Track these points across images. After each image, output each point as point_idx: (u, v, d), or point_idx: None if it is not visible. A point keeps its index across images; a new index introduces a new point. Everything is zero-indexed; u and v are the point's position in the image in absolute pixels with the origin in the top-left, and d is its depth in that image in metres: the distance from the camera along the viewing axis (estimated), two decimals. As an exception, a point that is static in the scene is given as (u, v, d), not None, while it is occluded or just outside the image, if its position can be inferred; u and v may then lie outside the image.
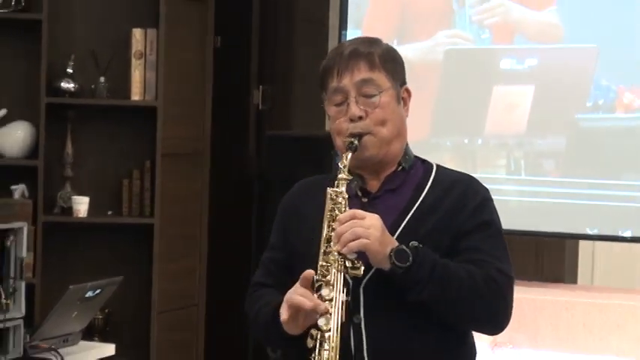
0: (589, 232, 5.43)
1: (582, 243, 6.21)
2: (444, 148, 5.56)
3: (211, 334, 6.43)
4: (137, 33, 5.93)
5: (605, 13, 5.35)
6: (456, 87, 5.60)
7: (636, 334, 5.09)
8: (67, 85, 5.94)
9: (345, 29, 5.79)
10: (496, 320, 3.06)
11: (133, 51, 5.94)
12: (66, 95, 5.94)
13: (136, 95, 5.96)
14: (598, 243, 6.22)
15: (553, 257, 6.09)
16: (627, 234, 5.34)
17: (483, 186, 3.14)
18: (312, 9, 6.96)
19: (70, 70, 5.94)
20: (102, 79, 5.97)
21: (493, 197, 3.21)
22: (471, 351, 3.15)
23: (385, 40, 5.06)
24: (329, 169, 5.88)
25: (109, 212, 6.04)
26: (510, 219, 5.40)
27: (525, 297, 5.27)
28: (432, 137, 5.60)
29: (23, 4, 5.93)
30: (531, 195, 5.48)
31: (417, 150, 5.47)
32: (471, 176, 3.16)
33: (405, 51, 5.53)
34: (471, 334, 3.16)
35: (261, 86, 6.91)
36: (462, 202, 3.05)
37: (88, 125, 6.05)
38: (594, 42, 5.38)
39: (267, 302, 3.07)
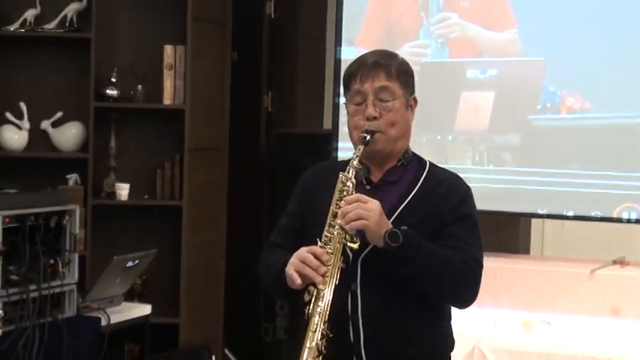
0: (539, 211, 5.45)
1: (534, 221, 6.22)
2: (421, 143, 5.56)
3: (230, 295, 6.44)
4: (168, 49, 5.93)
5: (554, 33, 5.37)
6: (430, 93, 5.61)
7: (577, 295, 5.11)
8: (111, 91, 5.94)
9: (340, 45, 5.80)
10: (466, 297, 3.05)
11: (165, 63, 5.93)
12: (110, 100, 5.94)
13: (167, 100, 5.96)
14: (547, 221, 6.24)
15: (510, 233, 6.11)
16: (570, 213, 5.37)
17: (466, 184, 3.13)
18: (312, 29, 6.97)
19: (113, 80, 5.93)
20: (139, 86, 5.96)
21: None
22: (447, 315, 3.15)
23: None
24: (327, 160, 5.90)
25: (146, 196, 6.03)
26: (475, 201, 5.45)
27: (487, 265, 5.23)
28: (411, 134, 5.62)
29: (76, 25, 5.93)
30: (493, 182, 5.49)
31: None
32: (457, 175, 3.15)
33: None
34: (449, 307, 3.15)
35: (270, 92, 6.90)
36: (446, 196, 3.04)
37: (128, 125, 6.04)
38: (544, 56, 5.40)
39: (277, 259, 3.06)
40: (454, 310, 3.09)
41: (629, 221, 5.26)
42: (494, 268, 5.23)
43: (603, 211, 5.27)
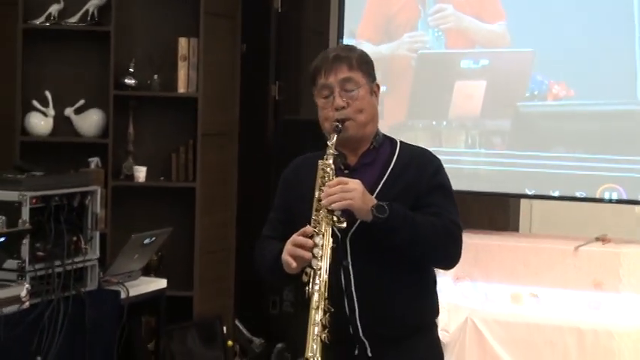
0: (528, 192, 5.45)
1: (523, 201, 6.22)
2: (418, 128, 5.58)
3: (240, 270, 6.45)
4: (182, 41, 5.92)
5: (541, 25, 5.36)
6: (427, 82, 5.62)
7: (562, 270, 5.11)
8: (130, 81, 5.92)
9: (342, 37, 5.80)
10: (450, 258, 3.09)
11: (179, 55, 5.92)
12: (129, 89, 5.92)
13: (181, 89, 5.95)
14: (535, 201, 6.24)
15: (500, 212, 6.11)
16: (556, 194, 5.37)
17: (436, 156, 3.16)
18: (316, 22, 6.94)
19: (131, 70, 5.92)
20: (156, 76, 5.95)
21: (455, 166, 3.22)
22: (433, 282, 3.18)
23: (371, 43, 5.10)
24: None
25: (162, 178, 6.02)
26: (468, 183, 5.46)
27: (480, 242, 5.29)
28: (409, 120, 5.62)
29: (96, 19, 5.92)
30: (484, 164, 5.49)
31: (396, 130, 5.54)
32: (425, 149, 3.19)
33: (382, 50, 5.63)
34: (434, 274, 3.19)
35: (277, 81, 6.89)
36: (420, 169, 3.07)
37: (145, 112, 6.03)
38: (532, 47, 5.39)
39: (271, 249, 3.08)
40: (447, 284, 3.10)
41: (610, 201, 5.26)
42: (486, 244, 5.24)
43: (586, 192, 5.27)
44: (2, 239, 3.94)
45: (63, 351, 4.18)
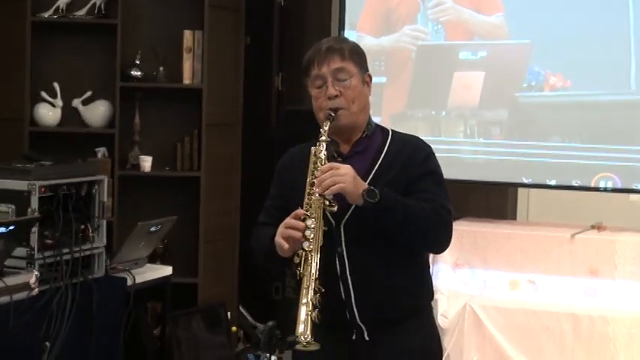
0: (525, 181, 5.45)
1: (520, 189, 6.23)
2: (417, 118, 5.57)
3: (244, 257, 6.46)
4: (187, 33, 5.92)
5: (538, 18, 5.36)
6: (426, 73, 5.61)
7: (559, 257, 5.11)
8: (136, 72, 5.93)
9: (343, 30, 5.79)
10: (440, 242, 3.10)
11: (184, 47, 5.92)
12: (135, 80, 5.93)
13: (186, 80, 5.95)
14: (532, 189, 6.24)
15: (498, 200, 6.11)
16: (553, 182, 5.37)
17: (427, 144, 3.16)
18: (317, 15, 6.95)
19: (137, 62, 5.92)
20: (161, 68, 5.95)
21: (454, 155, 3.22)
22: (426, 266, 3.20)
23: (371, 35, 5.09)
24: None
25: (167, 168, 6.02)
26: (467, 172, 5.47)
27: (478, 230, 5.29)
28: (408, 110, 5.61)
29: (103, 12, 5.92)
30: (482, 153, 5.49)
31: (396, 119, 5.55)
32: (417, 137, 3.20)
33: (383, 42, 5.63)
34: (427, 257, 3.21)
35: (280, 73, 6.90)
36: (411, 156, 3.08)
37: (151, 103, 6.03)
38: (529, 38, 5.39)
39: (266, 234, 3.09)
40: (446, 271, 3.10)
41: (605, 190, 5.26)
42: (484, 232, 5.25)
43: (582, 181, 5.28)
44: (12, 227, 3.95)
45: (71, 336, 4.19)
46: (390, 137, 3.15)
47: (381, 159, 3.09)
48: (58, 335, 4.13)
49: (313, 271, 2.89)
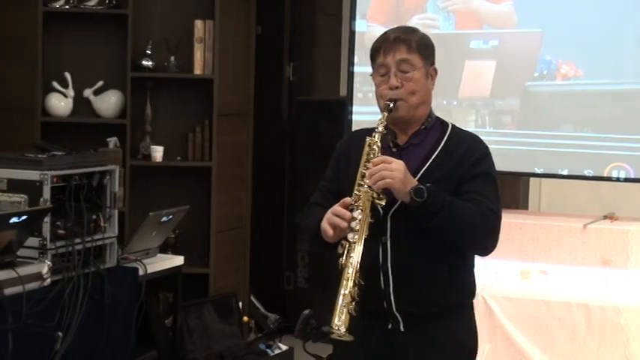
0: (537, 170, 5.44)
1: (532, 179, 6.22)
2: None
3: (255, 247, 6.47)
4: (198, 23, 5.92)
5: (548, 6, 5.34)
6: (437, 62, 5.58)
7: (571, 247, 5.10)
8: (147, 62, 5.93)
9: (354, 19, 5.77)
10: (486, 245, 3.07)
11: (196, 37, 5.92)
12: (146, 70, 5.93)
13: (197, 70, 5.95)
14: (544, 179, 6.23)
15: (510, 190, 6.11)
16: (565, 172, 5.35)
17: (484, 144, 3.13)
18: (329, 5, 6.95)
19: (148, 52, 5.93)
20: (172, 58, 5.96)
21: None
22: (470, 262, 3.16)
23: (383, 24, 5.09)
24: (342, 123, 5.90)
25: (178, 158, 6.03)
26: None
27: (489, 219, 5.28)
28: (419, 100, 5.60)
29: (115, 2, 5.93)
30: (494, 143, 5.41)
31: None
32: (476, 135, 3.16)
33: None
34: (472, 255, 3.17)
35: (291, 63, 6.90)
36: (466, 155, 3.06)
37: (162, 93, 6.03)
38: (540, 27, 5.37)
39: (315, 217, 3.09)
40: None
41: (618, 179, 5.24)
42: (496, 222, 5.23)
43: (595, 170, 5.26)
44: (24, 217, 3.96)
45: (83, 326, 4.20)
46: (448, 133, 3.13)
47: (435, 154, 3.07)
48: (70, 325, 4.14)
49: (355, 263, 2.89)
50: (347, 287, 2.87)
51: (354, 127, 5.76)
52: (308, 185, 6.72)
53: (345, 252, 2.91)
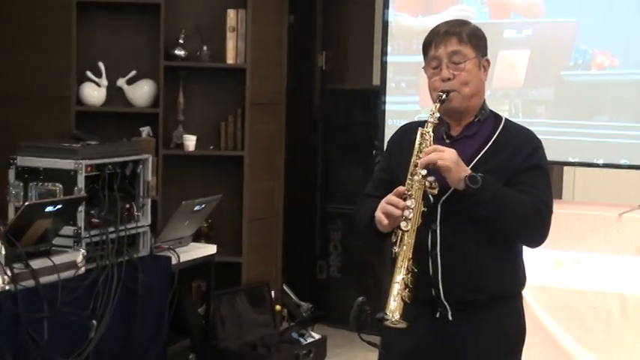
0: (571, 160, 5.42)
1: (566, 168, 6.19)
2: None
3: (287, 236, 6.48)
4: (231, 13, 5.92)
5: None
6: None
7: (606, 236, 5.09)
8: (179, 52, 5.95)
9: (387, 8, 5.77)
10: (536, 236, 3.07)
11: (228, 26, 5.93)
12: (179, 60, 5.95)
13: (230, 59, 5.96)
14: (578, 168, 6.19)
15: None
16: (600, 162, 5.33)
17: (537, 138, 3.13)
18: (361, -7, 6.94)
19: (181, 41, 5.94)
20: (205, 47, 5.97)
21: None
22: (519, 252, 3.17)
23: (412, 14, 5.06)
24: (375, 113, 5.90)
25: (211, 147, 6.04)
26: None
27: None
28: (452, 90, 5.59)
29: (146, -9, 5.98)
30: (527, 133, 5.46)
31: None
32: (529, 130, 3.16)
33: (426, 22, 5.60)
34: (520, 249, 3.17)
35: (324, 52, 6.90)
36: (519, 148, 3.06)
37: (195, 82, 6.05)
38: (576, 15, 5.34)
39: (368, 207, 3.11)
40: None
41: (653, 169, 5.22)
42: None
43: (631, 159, 5.23)
44: (60, 206, 3.98)
45: (116, 315, 4.22)
46: (501, 126, 3.13)
47: (488, 146, 3.07)
48: (104, 313, 4.17)
49: (408, 251, 2.91)
50: (400, 274, 2.90)
51: (387, 117, 5.77)
52: (340, 174, 6.75)
53: (399, 240, 2.94)
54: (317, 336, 5.93)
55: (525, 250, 3.19)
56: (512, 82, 5.45)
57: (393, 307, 2.87)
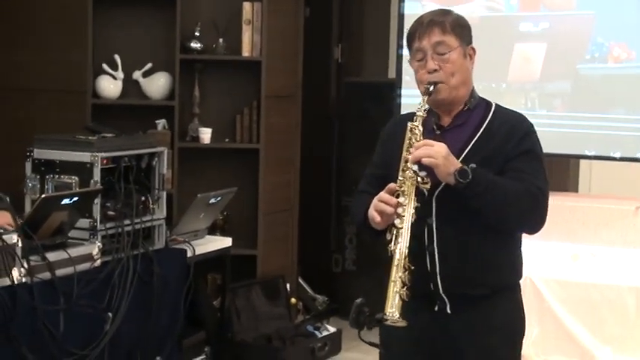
0: (587, 153, 5.42)
1: (582, 162, 6.18)
2: (477, 90, 5.52)
3: (303, 229, 6.49)
4: (247, 5, 5.93)
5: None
6: (487, 44, 5.55)
7: (622, 230, 5.08)
8: (195, 45, 5.95)
9: (403, 1, 5.77)
10: (533, 222, 3.05)
11: (244, 19, 5.93)
12: (194, 53, 5.96)
13: (245, 52, 5.96)
14: (594, 162, 6.18)
15: (560, 173, 6.07)
16: (617, 155, 5.32)
17: (528, 121, 3.11)
18: (378, -14, 6.93)
19: (197, 34, 5.94)
20: (221, 40, 5.97)
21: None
22: (517, 243, 3.16)
23: (436, 5, 5.05)
24: (391, 106, 5.90)
25: (227, 139, 6.05)
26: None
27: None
28: (469, 82, 5.58)
29: (163, -16, 5.98)
30: (544, 126, 5.44)
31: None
32: (520, 114, 3.14)
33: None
34: (519, 235, 3.15)
35: (339, 44, 6.90)
36: (510, 133, 3.04)
37: (211, 75, 6.05)
38: (594, 8, 5.33)
39: (363, 203, 3.10)
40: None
41: (670, 162, 5.21)
42: (545, 205, 5.21)
43: (647, 153, 5.23)
44: (76, 199, 4.00)
45: (132, 308, 4.23)
46: (492, 112, 3.11)
47: (479, 134, 3.06)
48: (120, 306, 4.18)
49: (404, 248, 2.90)
50: (397, 273, 2.88)
51: (403, 110, 5.76)
52: (356, 168, 6.73)
53: (394, 238, 2.92)
54: (332, 329, 5.94)
55: (541, 243, 3.18)
56: (529, 76, 5.45)
57: (392, 306, 2.85)
